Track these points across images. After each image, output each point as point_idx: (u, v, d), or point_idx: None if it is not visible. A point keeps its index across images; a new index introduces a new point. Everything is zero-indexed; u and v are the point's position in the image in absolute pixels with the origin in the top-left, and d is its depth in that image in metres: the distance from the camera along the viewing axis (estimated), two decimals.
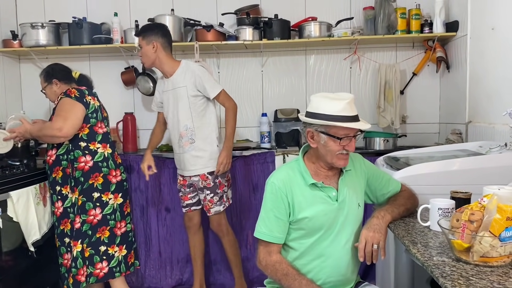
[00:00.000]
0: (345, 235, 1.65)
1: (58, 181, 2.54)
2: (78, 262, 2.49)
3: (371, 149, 3.15)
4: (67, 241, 2.54)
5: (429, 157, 2.35)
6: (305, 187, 1.63)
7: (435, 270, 1.15)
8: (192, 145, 2.67)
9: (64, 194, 2.54)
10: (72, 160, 2.50)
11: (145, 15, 3.31)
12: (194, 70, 2.66)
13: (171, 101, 2.71)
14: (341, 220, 1.64)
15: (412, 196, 1.77)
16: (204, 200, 2.73)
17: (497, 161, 1.95)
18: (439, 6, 3.12)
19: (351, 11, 3.44)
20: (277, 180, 1.64)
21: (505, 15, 2.39)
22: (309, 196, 1.62)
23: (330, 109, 1.54)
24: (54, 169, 2.54)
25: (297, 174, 1.65)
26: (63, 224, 2.55)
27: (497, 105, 2.49)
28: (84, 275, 2.49)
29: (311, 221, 1.61)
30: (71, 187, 2.52)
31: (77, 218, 2.50)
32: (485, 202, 1.21)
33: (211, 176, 2.68)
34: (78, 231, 2.50)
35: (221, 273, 3.14)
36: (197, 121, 2.66)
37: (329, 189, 1.64)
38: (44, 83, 2.71)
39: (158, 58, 2.68)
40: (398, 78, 3.34)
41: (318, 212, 1.61)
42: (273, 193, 1.62)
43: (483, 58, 2.69)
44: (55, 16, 3.46)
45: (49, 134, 2.44)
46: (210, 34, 3.26)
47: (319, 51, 3.52)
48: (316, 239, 1.63)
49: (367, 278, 2.90)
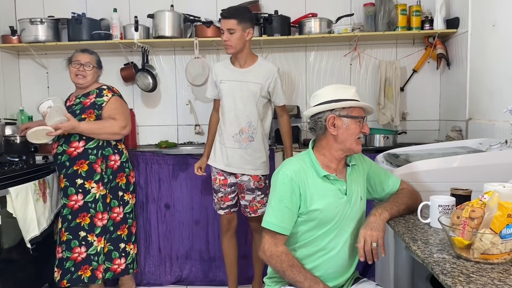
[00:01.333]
0: (348, 229, 1.66)
1: (81, 174, 2.54)
2: (100, 258, 2.56)
3: (371, 146, 3.15)
4: (82, 235, 2.55)
5: (429, 154, 2.34)
6: (318, 179, 1.63)
7: (436, 267, 1.15)
8: (251, 143, 2.58)
9: (86, 188, 2.54)
10: (104, 157, 2.57)
11: (145, 11, 3.30)
12: (274, 73, 2.59)
13: (237, 93, 2.56)
14: (348, 213, 1.65)
15: (414, 193, 1.77)
16: (252, 201, 2.66)
17: (498, 158, 1.94)
18: (440, 3, 3.11)
19: (351, 8, 3.43)
20: (289, 171, 1.63)
21: (506, 12, 2.38)
22: (321, 188, 1.63)
23: (347, 95, 1.63)
24: (78, 162, 2.53)
25: (309, 166, 1.65)
26: (80, 217, 2.55)
27: (497, 102, 2.48)
28: (102, 272, 2.57)
29: (322, 213, 1.61)
30: (97, 182, 2.55)
31: (104, 215, 2.57)
32: (485, 199, 1.21)
33: (263, 177, 2.66)
34: (104, 228, 2.58)
35: (220, 270, 3.13)
36: (260, 121, 2.59)
37: (340, 182, 1.65)
38: (94, 65, 2.65)
39: (246, 46, 2.55)
40: (398, 75, 3.33)
41: (329, 204, 1.62)
42: (285, 183, 1.61)
43: (483, 55, 2.68)
44: (54, 12, 3.45)
45: (112, 132, 2.55)
46: (209, 30, 3.25)
47: (319, 48, 3.51)
48: (324, 232, 1.64)
49: (367, 274, 2.89)
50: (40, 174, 2.72)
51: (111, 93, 2.62)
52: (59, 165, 2.57)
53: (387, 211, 1.61)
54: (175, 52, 3.58)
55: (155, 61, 3.58)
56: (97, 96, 2.59)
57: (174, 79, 3.60)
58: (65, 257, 2.56)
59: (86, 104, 2.57)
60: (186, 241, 3.12)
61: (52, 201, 2.79)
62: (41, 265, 2.75)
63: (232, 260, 2.81)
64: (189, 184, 3.08)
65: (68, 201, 2.55)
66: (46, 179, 2.74)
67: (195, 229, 3.12)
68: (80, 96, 2.61)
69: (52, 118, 2.41)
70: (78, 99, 2.61)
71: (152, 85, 3.48)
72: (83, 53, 2.64)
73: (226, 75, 2.61)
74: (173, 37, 3.26)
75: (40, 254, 2.70)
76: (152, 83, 3.47)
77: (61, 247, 2.58)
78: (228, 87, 2.59)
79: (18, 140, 2.81)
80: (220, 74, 2.63)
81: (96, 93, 2.61)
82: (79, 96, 2.62)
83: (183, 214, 3.10)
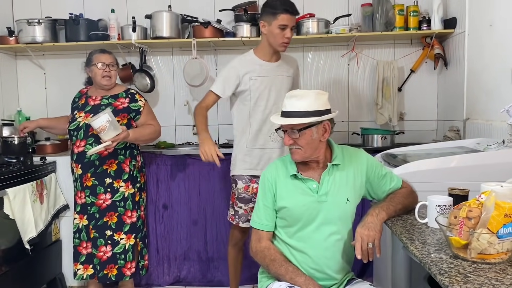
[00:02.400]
0: (328, 229, 1.67)
1: (111, 173, 2.55)
2: (128, 255, 2.60)
3: (369, 146, 3.15)
4: (109, 234, 2.57)
5: (427, 154, 2.35)
6: (287, 178, 1.71)
7: (433, 267, 1.15)
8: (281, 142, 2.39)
9: (115, 187, 2.57)
10: (132, 156, 2.64)
11: (142, 12, 3.30)
12: (296, 63, 2.56)
13: (274, 88, 2.42)
14: (323, 212, 1.66)
15: (411, 193, 1.76)
16: None
17: (495, 158, 1.96)
18: (437, 3, 3.12)
19: (349, 8, 3.43)
20: (266, 171, 1.77)
21: (503, 12, 2.39)
22: (290, 187, 1.70)
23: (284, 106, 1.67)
24: (108, 161, 2.54)
25: (283, 165, 1.75)
26: (107, 216, 2.57)
27: (495, 102, 2.49)
28: (131, 269, 2.61)
29: (290, 211, 1.68)
30: (125, 181, 2.59)
31: (134, 213, 2.63)
32: (483, 199, 1.21)
33: None
34: (134, 225, 2.64)
35: (219, 270, 3.13)
36: None
37: (309, 181, 1.68)
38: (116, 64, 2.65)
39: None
40: (396, 75, 3.34)
41: (297, 202, 1.67)
42: (263, 182, 1.76)
43: (481, 55, 2.69)
44: (52, 13, 3.45)
45: (156, 137, 2.69)
46: (207, 31, 3.25)
47: (317, 48, 3.51)
48: (297, 229, 1.69)
49: (365, 275, 2.91)
50: (37, 175, 2.72)
51: (143, 98, 2.69)
52: (86, 163, 2.53)
53: (384, 211, 1.60)
54: (173, 52, 3.58)
55: (153, 62, 3.58)
56: (131, 101, 2.62)
57: (172, 79, 3.60)
58: (93, 254, 2.58)
59: (118, 107, 2.58)
60: (184, 242, 3.12)
61: (49, 202, 2.79)
62: (39, 266, 2.75)
63: (238, 269, 2.75)
64: (187, 185, 3.08)
65: (97, 200, 2.55)
66: (44, 180, 2.74)
67: (193, 230, 3.11)
68: (108, 97, 2.60)
69: (110, 132, 2.30)
70: (105, 99, 2.60)
71: (150, 85, 3.47)
72: (104, 54, 2.61)
73: (257, 70, 2.42)
74: (171, 38, 3.26)
75: (38, 254, 2.70)
76: (150, 83, 3.47)
77: (90, 242, 2.58)
78: (261, 82, 2.41)
79: (15, 141, 2.80)
80: (249, 69, 2.42)
81: (128, 97, 2.63)
82: (106, 96, 2.61)
83: (181, 215, 3.10)
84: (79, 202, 2.59)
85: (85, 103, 2.62)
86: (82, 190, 2.56)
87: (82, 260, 2.60)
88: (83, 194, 2.57)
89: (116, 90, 2.66)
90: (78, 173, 2.56)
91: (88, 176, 2.54)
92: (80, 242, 2.60)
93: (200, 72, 3.29)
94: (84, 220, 2.57)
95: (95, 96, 2.63)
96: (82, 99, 2.66)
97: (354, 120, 3.51)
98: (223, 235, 3.08)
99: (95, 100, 2.61)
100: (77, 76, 2.96)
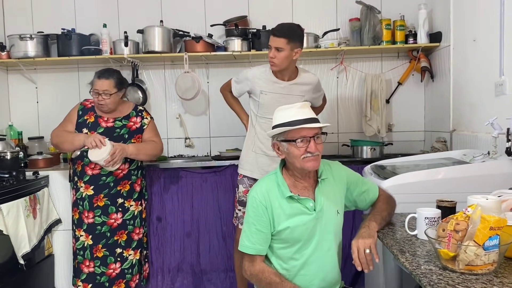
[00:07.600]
0: (327, 242, 1.70)
1: (123, 194, 2.60)
2: (134, 270, 2.67)
3: (358, 158, 3.20)
4: (119, 252, 2.60)
5: (415, 166, 2.41)
6: (283, 200, 1.67)
7: (423, 278, 1.19)
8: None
9: (126, 207, 2.61)
10: (143, 176, 2.72)
11: (134, 26, 3.34)
12: (315, 82, 2.63)
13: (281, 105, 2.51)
14: (320, 228, 1.68)
15: (389, 198, 1.81)
16: None
17: (481, 170, 2.02)
18: (423, 18, 3.20)
19: (337, 23, 3.51)
20: (257, 193, 1.68)
21: (485, 27, 2.47)
22: (287, 208, 1.66)
23: (283, 118, 1.65)
24: (122, 183, 2.59)
25: (275, 187, 1.69)
26: (118, 235, 2.60)
27: (479, 114, 2.56)
28: (135, 281, 2.69)
29: (291, 233, 1.66)
30: (135, 200, 2.65)
31: (141, 229, 2.70)
32: (469, 212, 1.26)
33: None
34: (140, 241, 2.72)
35: (211, 283, 3.14)
36: None
37: (306, 200, 1.68)
38: (112, 91, 2.53)
39: (291, 64, 2.50)
40: (383, 87, 3.41)
41: (297, 223, 1.65)
42: (254, 206, 1.67)
43: (465, 68, 2.77)
44: (44, 28, 3.46)
45: (157, 154, 2.68)
46: (199, 45, 3.29)
47: (306, 62, 3.58)
48: (298, 248, 1.68)
49: (356, 285, 2.94)
50: (30, 190, 2.71)
51: (149, 116, 2.71)
52: (100, 185, 2.54)
53: (373, 221, 1.65)
54: (164, 66, 3.62)
55: (145, 76, 3.61)
56: (141, 120, 2.66)
57: (164, 93, 3.63)
58: (98, 272, 2.58)
59: (132, 127, 2.61)
60: (178, 254, 3.13)
61: (42, 217, 2.78)
62: (32, 281, 2.74)
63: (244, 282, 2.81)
64: (180, 197, 3.10)
65: (108, 219, 2.57)
66: (37, 195, 2.74)
67: (187, 242, 3.13)
68: (121, 118, 2.61)
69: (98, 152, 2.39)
70: (119, 121, 2.59)
71: (142, 99, 3.50)
72: (100, 80, 2.51)
73: (269, 87, 2.54)
74: (162, 52, 3.30)
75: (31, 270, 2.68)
76: (142, 97, 3.50)
77: (93, 262, 2.58)
78: (271, 98, 2.52)
79: (8, 156, 2.79)
80: (261, 83, 2.55)
81: (139, 115, 2.66)
82: (119, 118, 2.60)
83: (175, 227, 3.11)
84: (86, 221, 2.58)
85: (95, 123, 2.57)
86: (91, 210, 2.56)
87: (83, 278, 2.60)
88: (91, 214, 2.57)
89: (126, 109, 2.66)
90: (88, 193, 2.56)
91: (101, 197, 2.56)
92: (83, 260, 2.60)
93: (192, 85, 3.32)
94: (89, 239, 2.58)
95: (106, 118, 2.59)
96: (90, 116, 2.60)
97: (344, 132, 3.57)
98: (216, 247, 3.11)
99: (107, 122, 2.58)
100: (69, 90, 2.96)
